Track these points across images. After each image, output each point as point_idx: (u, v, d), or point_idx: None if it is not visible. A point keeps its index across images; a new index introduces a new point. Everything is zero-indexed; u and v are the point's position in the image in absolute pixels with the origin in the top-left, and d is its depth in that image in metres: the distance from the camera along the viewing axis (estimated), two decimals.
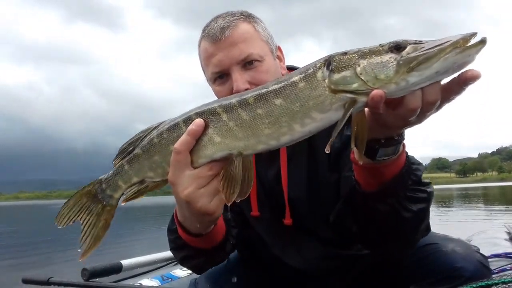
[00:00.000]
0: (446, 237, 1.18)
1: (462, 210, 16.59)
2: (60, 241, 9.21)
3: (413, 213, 0.80)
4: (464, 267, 1.03)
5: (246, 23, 0.99)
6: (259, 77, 0.96)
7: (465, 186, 79.34)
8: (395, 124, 0.66)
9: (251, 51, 0.96)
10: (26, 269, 6.89)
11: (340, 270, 1.18)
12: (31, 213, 37.93)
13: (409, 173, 0.79)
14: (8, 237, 13.85)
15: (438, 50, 0.55)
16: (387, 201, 0.78)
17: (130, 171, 0.84)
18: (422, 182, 0.83)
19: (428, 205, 0.84)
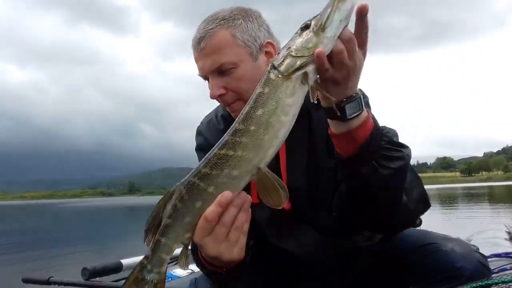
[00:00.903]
0: (445, 237, 1.17)
1: (467, 209, 16.51)
2: (62, 241, 9.25)
3: (392, 170, 0.85)
4: (464, 267, 1.03)
5: (223, 30, 1.03)
6: (233, 83, 1.05)
7: (470, 186, 78.93)
8: (341, 75, 0.79)
9: (223, 60, 1.02)
10: (29, 264, 6.96)
11: (339, 261, 1.17)
12: (37, 213, 38.18)
13: (380, 135, 0.87)
14: (15, 235, 13.96)
15: (330, 10, 0.75)
16: (366, 162, 0.85)
17: (168, 241, 0.86)
18: (395, 143, 0.89)
19: (405, 163, 0.88)
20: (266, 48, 1.10)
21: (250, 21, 1.08)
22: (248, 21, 1.08)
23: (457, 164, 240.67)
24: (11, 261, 7.91)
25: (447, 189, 57.87)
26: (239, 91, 1.06)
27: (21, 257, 8.45)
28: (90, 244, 10.48)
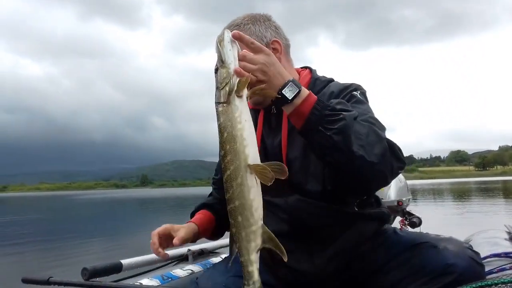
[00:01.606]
0: (437, 236, 1.19)
1: (480, 204, 16.29)
2: (63, 239, 9.41)
3: (336, 129, 1.01)
4: (456, 263, 1.04)
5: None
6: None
7: (484, 180, 77.78)
8: (260, 75, 1.02)
9: None
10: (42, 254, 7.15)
11: (328, 230, 1.23)
12: (54, 204, 38.94)
13: (322, 106, 1.03)
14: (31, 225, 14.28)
15: (220, 49, 1.02)
16: (314, 130, 1.03)
17: (244, 257, 0.96)
18: (337, 109, 1.04)
19: (346, 123, 1.02)
20: (272, 45, 1.31)
21: (257, 25, 1.32)
22: (256, 25, 1.32)
23: (471, 157, 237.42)
24: (27, 249, 8.12)
25: (460, 183, 57.12)
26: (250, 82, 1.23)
27: (38, 248, 8.66)
28: (107, 235, 10.63)
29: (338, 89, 1.26)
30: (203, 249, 1.92)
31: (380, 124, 1.13)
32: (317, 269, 1.23)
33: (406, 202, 2.93)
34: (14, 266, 6.44)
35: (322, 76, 1.37)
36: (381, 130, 1.09)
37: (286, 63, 1.34)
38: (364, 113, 1.12)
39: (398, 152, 1.09)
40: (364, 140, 1.02)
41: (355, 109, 1.11)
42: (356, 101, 1.19)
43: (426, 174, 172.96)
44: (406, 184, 3.07)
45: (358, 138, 1.02)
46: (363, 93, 1.25)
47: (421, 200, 20.32)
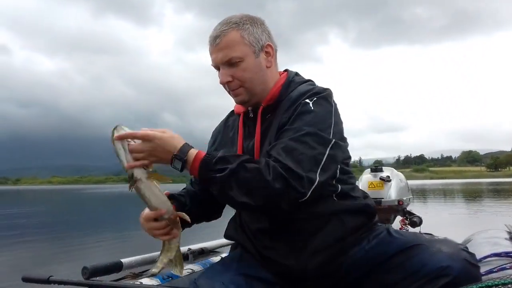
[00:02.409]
0: (432, 237, 1.19)
1: (487, 205, 16.09)
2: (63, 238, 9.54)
3: (219, 186, 1.16)
4: (450, 266, 1.03)
5: (234, 31, 1.29)
6: (239, 73, 1.30)
7: (496, 181, 76.63)
8: (150, 159, 1.19)
9: (232, 55, 1.28)
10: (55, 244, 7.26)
11: (307, 224, 1.25)
12: (68, 197, 39.50)
13: (206, 164, 1.16)
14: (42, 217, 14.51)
15: (116, 150, 1.18)
16: (206, 182, 1.18)
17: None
18: (219, 164, 1.16)
19: (223, 176, 1.14)
20: (266, 48, 1.34)
21: (255, 27, 1.32)
22: (254, 26, 1.32)
23: (483, 158, 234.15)
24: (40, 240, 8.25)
25: (470, 184, 56.41)
26: (243, 79, 1.30)
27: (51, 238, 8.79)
28: (112, 230, 10.77)
29: (298, 93, 1.28)
30: (203, 248, 1.92)
31: (313, 140, 1.16)
32: (301, 265, 1.22)
33: (406, 201, 2.93)
34: (16, 262, 6.50)
35: (299, 78, 1.40)
36: (303, 153, 1.13)
37: (274, 66, 1.38)
38: (301, 128, 1.17)
39: (295, 185, 1.10)
40: (246, 188, 1.13)
41: (297, 121, 1.19)
42: (303, 111, 1.21)
43: (436, 174, 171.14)
44: (406, 183, 3.08)
45: (241, 186, 1.13)
46: (323, 97, 1.25)
47: (426, 200, 20.17)
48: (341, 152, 1.25)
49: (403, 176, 3.06)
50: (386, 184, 2.87)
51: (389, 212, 2.89)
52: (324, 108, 1.23)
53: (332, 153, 1.17)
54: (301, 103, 1.23)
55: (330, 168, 1.18)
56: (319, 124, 1.19)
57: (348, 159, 1.34)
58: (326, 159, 1.15)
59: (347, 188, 1.29)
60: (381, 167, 3.03)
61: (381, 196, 2.85)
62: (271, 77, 1.34)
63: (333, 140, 1.18)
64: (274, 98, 1.32)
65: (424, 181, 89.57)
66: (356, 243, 1.24)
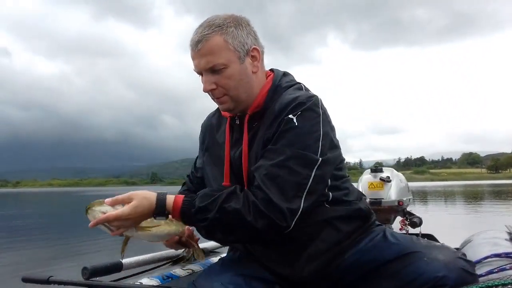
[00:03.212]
0: (429, 244, 1.16)
1: (487, 206, 16.06)
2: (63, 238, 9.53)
3: (203, 226, 1.15)
4: (446, 276, 1.02)
5: (217, 36, 1.20)
6: (223, 80, 1.23)
7: (496, 183, 76.53)
8: (126, 224, 1.16)
9: (215, 62, 1.20)
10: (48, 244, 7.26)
11: (300, 232, 1.21)
12: (68, 199, 39.46)
13: (187, 210, 1.15)
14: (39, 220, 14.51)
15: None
16: (190, 223, 1.21)
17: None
18: (201, 208, 1.15)
19: (208, 224, 1.14)
20: (252, 52, 1.26)
21: (240, 29, 1.23)
22: (239, 29, 1.23)
23: (484, 160, 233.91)
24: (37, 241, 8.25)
25: (470, 186, 56.34)
26: (227, 87, 1.23)
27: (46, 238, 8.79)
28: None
29: (282, 105, 1.20)
30: (204, 248, 1.92)
31: (297, 163, 1.12)
32: (297, 272, 1.21)
33: (406, 202, 2.94)
34: (16, 262, 6.49)
35: (286, 79, 1.32)
36: (286, 180, 1.10)
37: (261, 71, 1.30)
38: (284, 151, 1.13)
39: (277, 221, 1.09)
40: (229, 231, 1.14)
41: (281, 140, 1.15)
42: (287, 129, 1.15)
43: (437, 176, 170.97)
44: (407, 184, 3.09)
45: (224, 231, 1.14)
46: (308, 108, 1.17)
47: (427, 201, 20.15)
48: (330, 166, 1.20)
49: (403, 177, 3.07)
50: (386, 184, 2.87)
51: (389, 212, 2.89)
52: (310, 121, 1.16)
53: (319, 173, 1.13)
54: (284, 120, 1.16)
55: (317, 188, 1.14)
56: (304, 142, 1.13)
57: (341, 163, 1.29)
58: (312, 182, 1.12)
59: (340, 194, 1.26)
60: (381, 168, 3.04)
61: (381, 196, 2.86)
62: (257, 83, 1.27)
63: (319, 160, 1.13)
64: (260, 106, 1.26)
65: (425, 183, 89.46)
66: (352, 245, 1.22)
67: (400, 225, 2.92)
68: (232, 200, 1.12)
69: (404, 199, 2.89)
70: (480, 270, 1.22)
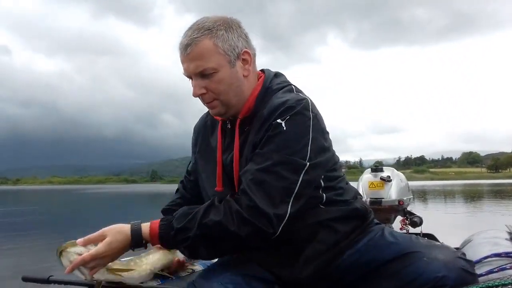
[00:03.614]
0: (429, 243, 1.16)
1: (487, 205, 16.07)
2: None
3: (185, 246, 1.16)
4: (446, 276, 1.02)
5: (207, 39, 1.18)
6: (213, 85, 1.21)
7: (496, 182, 76.59)
8: (102, 262, 1.16)
9: (205, 66, 1.18)
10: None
11: (296, 234, 1.22)
12: (70, 197, 39.51)
13: (165, 234, 1.15)
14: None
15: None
16: (170, 246, 1.22)
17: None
18: (179, 229, 1.14)
19: (190, 244, 1.14)
20: (243, 56, 1.24)
21: (231, 32, 1.21)
22: (229, 32, 1.21)
23: (484, 159, 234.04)
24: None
25: (471, 185, 56.35)
26: (217, 92, 1.22)
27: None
28: None
29: (270, 109, 1.17)
30: None
31: (284, 169, 1.10)
32: (294, 274, 1.21)
33: (407, 201, 2.94)
34: (16, 262, 6.48)
35: (277, 81, 1.29)
36: (273, 185, 1.09)
37: (252, 73, 1.28)
38: (271, 156, 1.11)
39: (263, 227, 1.09)
40: (213, 245, 1.14)
41: (268, 145, 1.13)
42: (275, 133, 1.13)
43: (437, 175, 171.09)
44: (407, 183, 3.09)
45: (208, 246, 1.13)
46: (298, 113, 1.15)
47: (427, 201, 20.17)
48: (319, 170, 1.18)
49: (403, 176, 3.08)
50: (386, 184, 2.88)
51: (390, 212, 2.89)
52: (299, 125, 1.14)
53: (306, 178, 1.12)
54: (272, 125, 1.14)
55: (305, 193, 1.13)
56: (292, 147, 1.12)
57: (335, 164, 1.28)
58: (300, 187, 1.11)
59: (334, 194, 1.25)
60: (382, 167, 3.04)
61: (382, 196, 2.86)
62: (248, 87, 1.25)
63: (307, 165, 1.11)
64: (251, 110, 1.24)
65: (425, 182, 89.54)
66: (350, 245, 1.22)
67: (401, 224, 2.93)
68: (211, 213, 1.11)
69: (405, 199, 2.90)
70: (480, 269, 1.23)
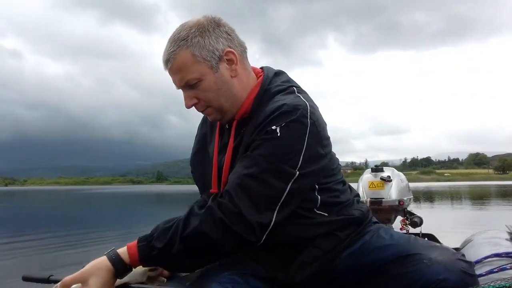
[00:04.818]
0: (428, 244, 1.15)
1: (496, 206, 15.93)
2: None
3: (170, 265, 1.15)
4: (447, 278, 1.01)
5: (183, 51, 1.16)
6: (201, 94, 1.20)
7: (504, 184, 75.82)
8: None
9: (188, 78, 1.17)
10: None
11: (291, 239, 1.20)
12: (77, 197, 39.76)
13: (145, 254, 1.10)
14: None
15: None
16: (151, 264, 1.17)
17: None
18: (161, 249, 1.10)
19: (172, 262, 1.11)
20: (226, 56, 1.19)
21: (207, 36, 1.17)
22: (205, 37, 1.16)
23: (491, 160, 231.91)
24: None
25: (477, 186, 55.87)
26: (207, 100, 1.20)
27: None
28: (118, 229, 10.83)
29: (266, 114, 1.13)
30: None
31: (272, 176, 1.07)
32: (289, 277, 1.20)
33: (407, 202, 2.93)
34: (16, 261, 6.53)
35: (276, 84, 1.24)
36: (259, 193, 1.07)
37: (243, 71, 1.23)
38: (260, 162, 1.08)
39: (245, 236, 1.07)
40: (197, 258, 1.11)
41: (260, 148, 1.09)
42: (268, 138, 1.09)
43: (443, 176, 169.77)
44: (407, 184, 3.08)
45: (192, 258, 1.10)
46: (295, 120, 1.10)
47: (432, 202, 20.03)
48: (310, 179, 1.14)
49: (404, 177, 3.06)
50: (386, 184, 2.86)
51: (390, 212, 2.88)
52: (294, 133, 1.09)
53: (295, 186, 1.08)
54: (267, 131, 1.10)
55: (292, 202, 1.10)
56: (283, 155, 1.08)
57: (333, 170, 1.25)
58: (287, 195, 1.08)
59: (330, 196, 1.22)
60: (382, 167, 3.02)
61: (382, 196, 2.86)
62: (240, 87, 1.20)
63: (296, 174, 1.08)
64: (248, 112, 1.21)
65: (431, 184, 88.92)
66: (347, 247, 1.21)
67: (401, 224, 2.92)
68: (191, 222, 1.08)
69: (405, 199, 2.89)
70: (480, 269, 1.22)
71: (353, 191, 1.35)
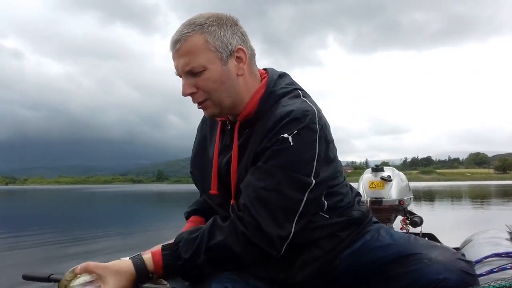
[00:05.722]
0: (429, 244, 1.15)
1: (496, 206, 15.93)
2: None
3: (191, 276, 1.11)
4: (447, 278, 1.01)
5: (198, 35, 1.12)
6: (202, 83, 1.14)
7: (504, 183, 75.81)
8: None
9: (193, 64, 1.12)
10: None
11: (294, 239, 1.18)
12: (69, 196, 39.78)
13: (169, 264, 1.08)
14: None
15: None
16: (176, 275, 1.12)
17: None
18: (186, 259, 1.08)
19: (198, 271, 1.09)
20: (237, 53, 1.17)
21: (224, 29, 1.14)
22: (222, 29, 1.14)
23: (491, 160, 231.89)
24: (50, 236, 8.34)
25: (478, 186, 55.87)
26: (207, 90, 1.15)
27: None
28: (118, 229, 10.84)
29: (277, 118, 1.10)
30: None
31: (289, 187, 1.06)
32: (290, 277, 1.20)
33: (407, 201, 2.94)
34: (17, 260, 6.51)
35: (281, 83, 1.22)
36: (278, 205, 1.06)
37: (249, 74, 1.20)
38: (275, 173, 1.06)
39: (267, 250, 1.07)
40: (220, 267, 1.09)
41: (273, 159, 1.07)
42: (281, 148, 1.07)
43: (444, 176, 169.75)
44: (407, 183, 3.09)
45: (216, 268, 1.09)
46: (305, 127, 1.08)
47: (432, 201, 20.04)
48: (324, 185, 1.14)
49: (404, 176, 3.07)
50: (387, 183, 2.87)
51: (390, 211, 2.88)
52: (306, 140, 1.08)
53: (311, 196, 1.08)
54: (279, 139, 1.07)
55: (309, 210, 1.11)
56: (298, 164, 1.07)
57: (338, 172, 1.25)
58: (304, 206, 1.07)
59: (336, 201, 1.22)
60: (382, 167, 3.03)
61: (382, 195, 2.86)
62: (245, 87, 1.17)
63: (313, 183, 1.07)
64: (252, 114, 1.18)
65: (432, 183, 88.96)
66: (347, 247, 1.21)
67: (401, 224, 2.92)
68: (217, 234, 1.08)
69: (405, 199, 2.89)
70: (480, 269, 1.22)
71: (354, 191, 1.35)
